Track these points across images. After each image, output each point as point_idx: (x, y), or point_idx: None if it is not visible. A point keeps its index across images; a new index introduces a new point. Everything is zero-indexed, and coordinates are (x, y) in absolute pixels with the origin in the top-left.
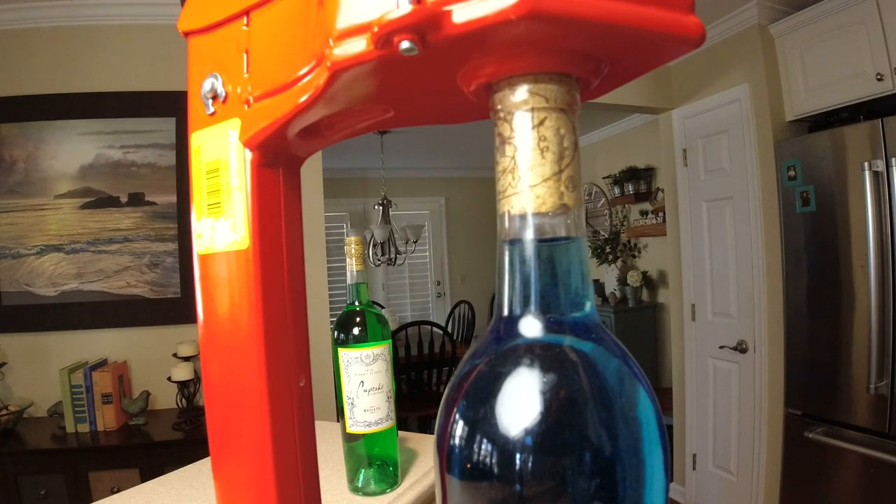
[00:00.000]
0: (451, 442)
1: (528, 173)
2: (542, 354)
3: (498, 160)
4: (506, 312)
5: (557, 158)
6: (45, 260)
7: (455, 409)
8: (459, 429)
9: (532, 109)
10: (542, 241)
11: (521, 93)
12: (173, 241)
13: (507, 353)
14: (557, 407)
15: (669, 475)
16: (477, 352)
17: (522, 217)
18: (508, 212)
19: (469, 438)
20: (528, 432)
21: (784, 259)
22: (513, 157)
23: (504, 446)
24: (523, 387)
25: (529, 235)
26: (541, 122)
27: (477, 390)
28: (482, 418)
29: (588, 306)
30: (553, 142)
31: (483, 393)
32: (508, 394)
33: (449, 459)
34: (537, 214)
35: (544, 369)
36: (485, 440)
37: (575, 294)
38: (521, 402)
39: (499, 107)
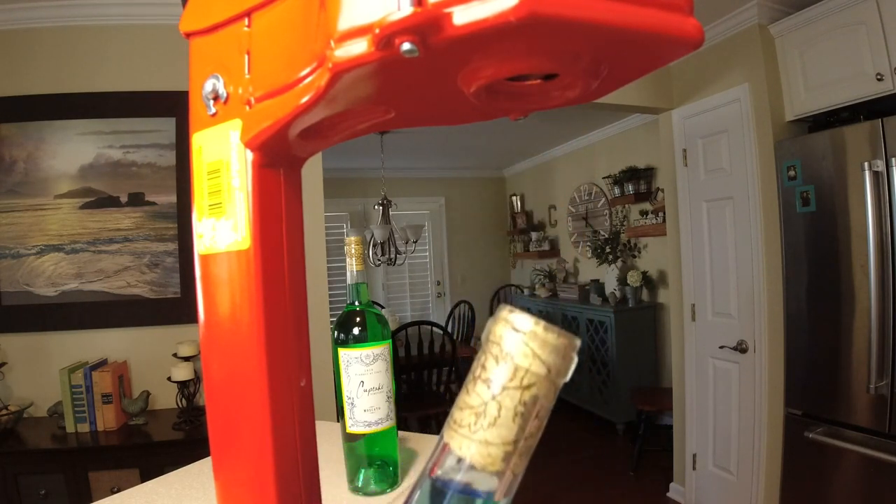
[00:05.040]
0: None
1: (492, 429)
2: None
3: (469, 390)
4: None
5: (523, 426)
6: (45, 260)
7: None
8: None
9: (526, 371)
10: (466, 493)
11: (522, 346)
12: (173, 241)
13: None
14: None
15: None
16: None
17: (460, 461)
18: (450, 445)
19: None
20: None
21: (784, 259)
22: (485, 404)
23: None
24: None
25: (457, 485)
26: (527, 387)
27: None
28: None
29: None
30: (530, 411)
31: None
32: None
33: None
34: (476, 468)
35: None
36: None
37: None
38: None
39: (499, 340)
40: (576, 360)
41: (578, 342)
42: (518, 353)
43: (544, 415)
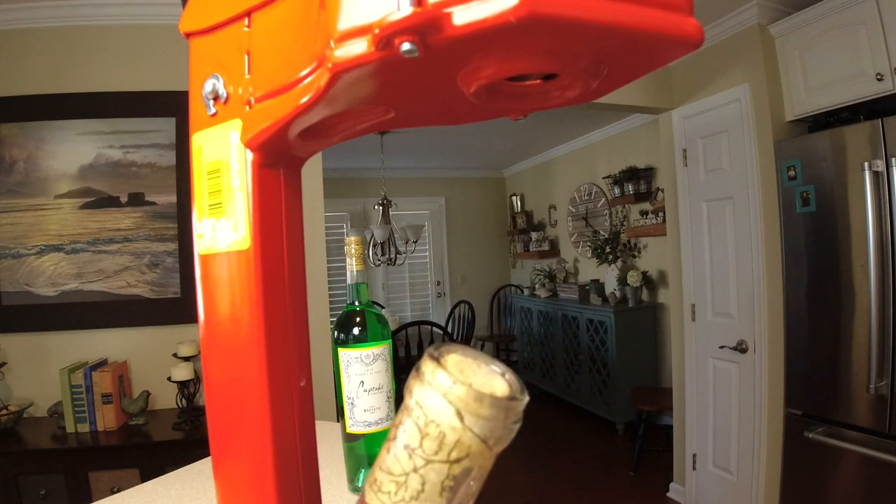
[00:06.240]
0: None
1: (414, 503)
2: None
3: (389, 449)
4: None
5: (451, 499)
6: (45, 260)
7: None
8: None
9: (456, 443)
10: None
11: (449, 415)
12: (173, 241)
13: None
14: None
15: None
16: None
17: None
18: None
19: None
20: None
21: (784, 259)
22: (406, 475)
23: None
24: None
25: None
26: (457, 461)
27: None
28: None
29: None
30: (460, 483)
31: None
32: None
33: None
34: None
35: None
36: None
37: None
38: None
39: (421, 403)
40: (520, 420)
41: (525, 399)
42: (445, 422)
43: (481, 477)
